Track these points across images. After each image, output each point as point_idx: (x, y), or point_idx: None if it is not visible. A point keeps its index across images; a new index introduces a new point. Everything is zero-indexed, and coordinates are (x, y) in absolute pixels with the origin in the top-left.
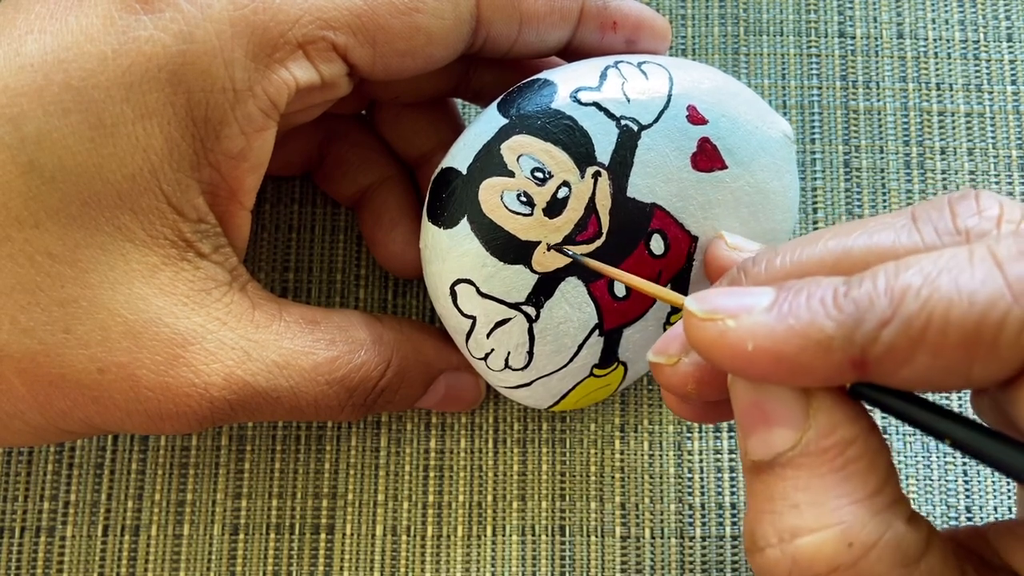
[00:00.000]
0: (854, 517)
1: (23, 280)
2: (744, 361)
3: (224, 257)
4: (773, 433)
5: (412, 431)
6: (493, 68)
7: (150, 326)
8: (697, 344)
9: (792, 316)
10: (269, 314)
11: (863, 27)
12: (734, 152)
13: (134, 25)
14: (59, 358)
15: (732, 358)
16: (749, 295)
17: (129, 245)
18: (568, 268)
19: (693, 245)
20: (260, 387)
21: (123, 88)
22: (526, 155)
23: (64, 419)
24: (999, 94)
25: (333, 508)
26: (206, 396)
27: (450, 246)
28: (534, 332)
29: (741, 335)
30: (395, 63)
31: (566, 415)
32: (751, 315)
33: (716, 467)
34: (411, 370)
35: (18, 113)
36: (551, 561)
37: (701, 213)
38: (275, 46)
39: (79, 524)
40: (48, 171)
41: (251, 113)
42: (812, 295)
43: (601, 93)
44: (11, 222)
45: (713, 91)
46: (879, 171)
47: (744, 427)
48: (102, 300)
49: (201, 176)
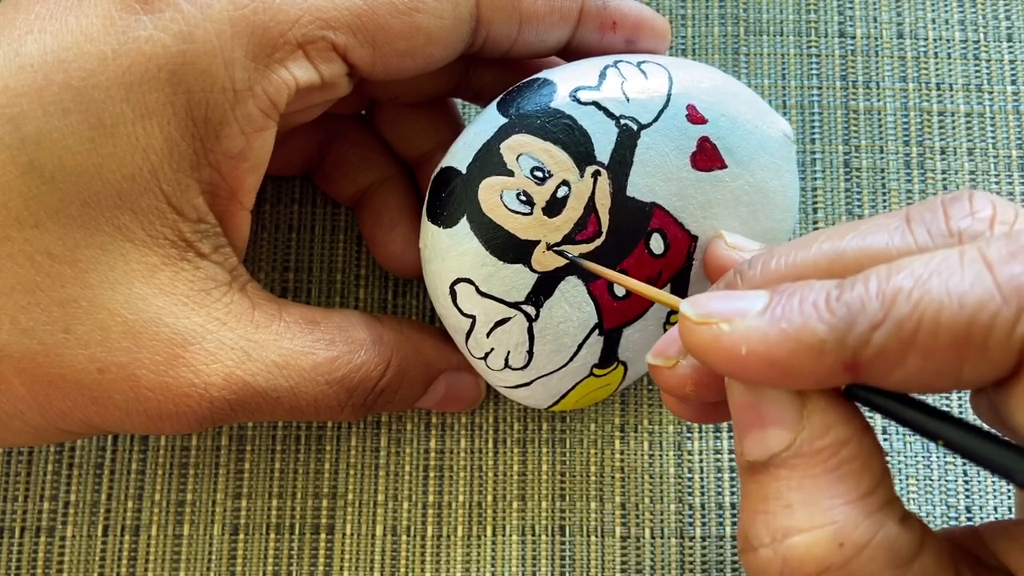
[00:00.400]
0: (846, 517)
1: (23, 280)
2: (738, 364)
3: (224, 257)
4: (768, 434)
5: (412, 431)
6: (493, 68)
7: (150, 326)
8: (692, 347)
9: (784, 320)
10: (269, 314)
11: (863, 27)
12: (734, 151)
13: (134, 25)
14: (59, 358)
15: (726, 361)
16: (743, 299)
17: (129, 245)
18: (568, 267)
19: (693, 244)
20: (260, 387)
21: (123, 88)
22: (526, 154)
23: (64, 419)
24: (999, 94)
25: (333, 508)
26: (206, 396)
27: (449, 245)
28: (534, 331)
29: (735, 339)
30: (395, 63)
31: (566, 415)
32: (745, 319)
33: (716, 467)
34: (411, 370)
35: (18, 113)
36: (551, 561)
37: (700, 212)
38: (275, 46)
39: (79, 524)
40: (48, 171)
41: (251, 113)
42: (804, 299)
43: (600, 92)
44: (11, 222)
45: (712, 90)
46: (879, 171)
47: (740, 428)
48: (102, 300)
49: (201, 176)
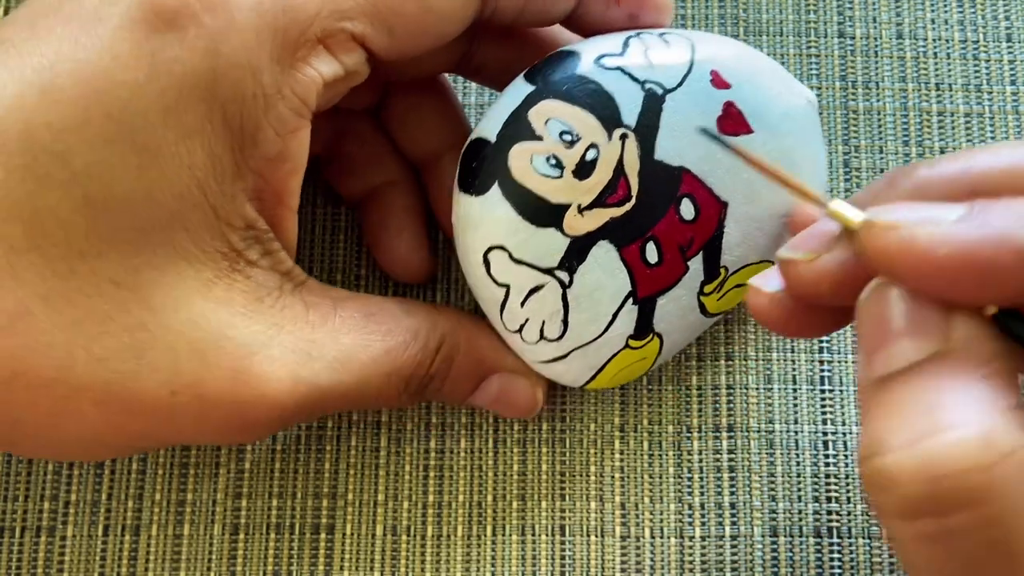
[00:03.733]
0: (997, 421)
1: (92, 311)
2: (932, 268)
3: (273, 262)
4: (910, 342)
5: (412, 431)
6: (496, 44)
7: (214, 342)
8: (877, 251)
9: (989, 225)
10: (323, 312)
11: (863, 27)
12: (759, 117)
13: (161, 46)
14: (133, 385)
15: (918, 266)
16: (936, 208)
17: (183, 263)
18: (600, 231)
19: (724, 211)
20: (324, 385)
21: (161, 113)
22: (554, 119)
23: (139, 439)
24: (999, 94)
25: (333, 508)
26: (276, 404)
27: (482, 213)
28: (568, 299)
29: (933, 242)
30: (410, 43)
31: (566, 415)
32: (940, 225)
33: (716, 467)
34: (461, 360)
35: (64, 149)
36: (551, 561)
37: (729, 178)
38: (297, 45)
39: (79, 524)
40: (102, 202)
41: (284, 115)
42: (1010, 207)
43: (625, 59)
44: (75, 256)
45: (735, 57)
46: (879, 171)
47: (874, 339)
48: (167, 322)
49: (246, 184)
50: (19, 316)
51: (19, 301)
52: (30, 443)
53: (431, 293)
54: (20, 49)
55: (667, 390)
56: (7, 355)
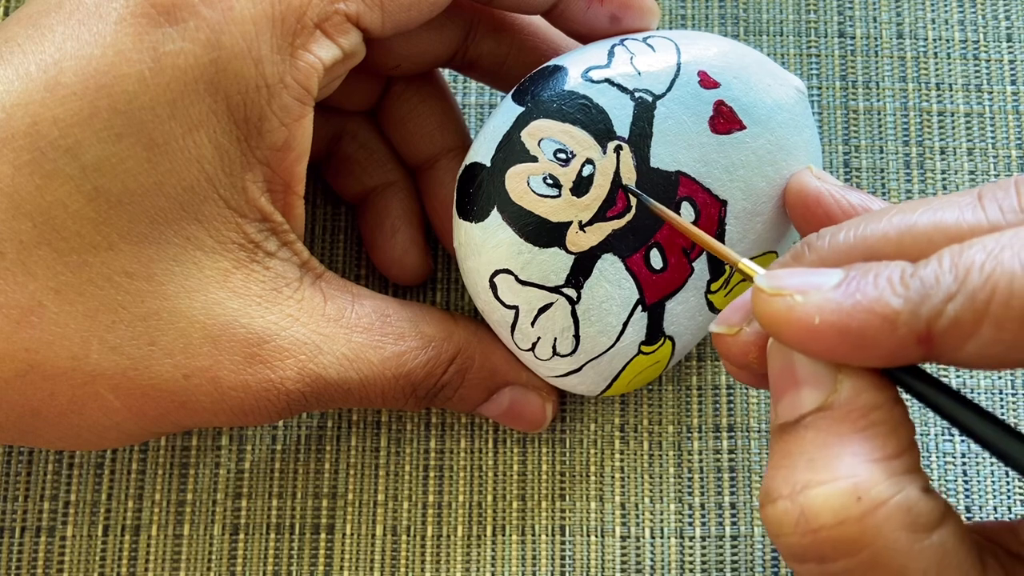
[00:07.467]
0: (867, 473)
1: (105, 301)
2: (809, 335)
3: (292, 253)
4: (801, 394)
5: (412, 431)
6: (491, 38)
7: (227, 329)
8: (764, 318)
9: (860, 292)
10: (340, 307)
11: (863, 27)
12: (750, 112)
13: (163, 40)
14: (147, 370)
15: (798, 332)
16: (818, 274)
17: (200, 253)
18: (603, 245)
19: (723, 209)
20: (331, 379)
21: (167, 106)
22: (546, 138)
23: (156, 424)
24: (999, 94)
25: (333, 508)
26: (283, 391)
27: (483, 239)
28: (577, 314)
29: (809, 310)
30: (403, 17)
31: (566, 415)
32: (819, 292)
33: (716, 467)
34: (475, 372)
35: (74, 143)
36: (551, 561)
37: (726, 176)
38: (295, 33)
39: (79, 524)
40: (113, 195)
41: (287, 104)
42: (879, 274)
43: (612, 70)
44: (86, 248)
45: (721, 55)
46: (879, 171)
47: (776, 391)
48: (181, 309)
49: (255, 175)
50: (32, 310)
51: (31, 295)
52: (50, 433)
53: (431, 293)
54: (23, 47)
55: (667, 390)
56: (22, 348)
